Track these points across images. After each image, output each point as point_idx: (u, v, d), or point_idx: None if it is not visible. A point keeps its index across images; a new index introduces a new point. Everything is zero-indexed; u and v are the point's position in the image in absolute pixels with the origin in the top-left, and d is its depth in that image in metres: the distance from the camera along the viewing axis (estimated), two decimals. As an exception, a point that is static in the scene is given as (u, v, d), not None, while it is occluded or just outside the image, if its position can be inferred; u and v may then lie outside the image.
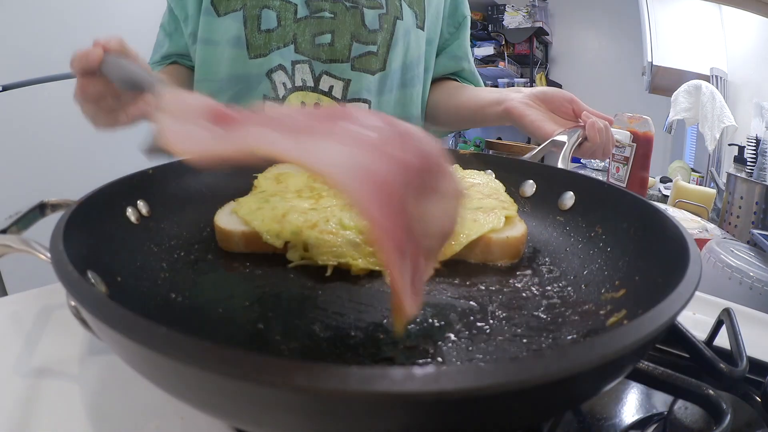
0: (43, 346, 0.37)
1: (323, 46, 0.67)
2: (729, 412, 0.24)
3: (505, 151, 1.63)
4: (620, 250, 0.37)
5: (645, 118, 0.85)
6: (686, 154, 2.72)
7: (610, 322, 0.30)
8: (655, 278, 0.30)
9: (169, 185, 0.45)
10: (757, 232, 0.76)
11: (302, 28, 0.66)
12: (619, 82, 3.04)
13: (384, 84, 0.71)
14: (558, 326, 0.31)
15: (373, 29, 0.68)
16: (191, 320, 0.31)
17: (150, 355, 0.18)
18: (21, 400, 0.31)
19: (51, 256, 0.25)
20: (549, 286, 0.36)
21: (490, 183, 0.49)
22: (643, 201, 0.38)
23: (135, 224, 0.39)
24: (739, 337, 0.32)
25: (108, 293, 0.29)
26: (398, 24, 0.69)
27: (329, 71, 0.68)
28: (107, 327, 0.19)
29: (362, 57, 0.68)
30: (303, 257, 0.39)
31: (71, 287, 0.22)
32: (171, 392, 0.21)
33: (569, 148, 0.53)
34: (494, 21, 3.50)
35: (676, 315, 0.21)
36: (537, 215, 0.47)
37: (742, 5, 1.96)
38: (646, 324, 0.20)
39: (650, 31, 2.52)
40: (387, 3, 0.69)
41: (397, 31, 0.69)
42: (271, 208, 0.42)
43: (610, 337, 0.19)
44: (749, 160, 1.45)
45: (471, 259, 0.41)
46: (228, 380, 0.16)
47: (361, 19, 0.67)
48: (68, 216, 0.31)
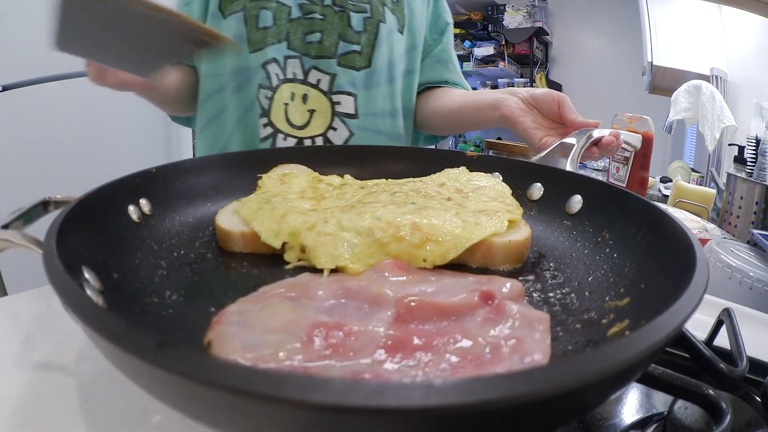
0: (43, 345, 0.37)
1: (313, 44, 0.74)
2: (729, 412, 0.24)
3: (505, 151, 1.63)
4: (627, 256, 0.36)
5: (645, 118, 0.85)
6: (686, 154, 2.72)
7: (612, 332, 0.29)
8: (660, 286, 0.29)
9: (172, 184, 0.45)
10: (757, 232, 0.76)
11: (295, 27, 0.74)
12: (619, 82, 3.04)
13: (371, 80, 0.77)
14: (556, 334, 0.30)
15: (358, 30, 0.76)
16: (182, 319, 0.31)
17: (123, 356, 0.18)
18: (22, 397, 0.31)
19: (43, 252, 0.25)
20: (551, 293, 0.35)
21: (496, 186, 0.48)
22: (652, 205, 0.37)
23: (136, 222, 0.39)
24: (739, 337, 0.32)
25: (102, 290, 0.29)
26: (381, 26, 0.77)
27: (317, 66, 0.75)
28: (81, 322, 0.19)
29: (347, 54, 0.75)
30: (300, 259, 0.39)
31: (53, 280, 0.23)
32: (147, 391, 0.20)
33: (578, 151, 0.52)
34: (494, 21, 3.50)
35: (676, 330, 0.21)
36: (544, 219, 0.46)
37: (742, 5, 1.96)
38: (641, 341, 0.19)
39: (650, 31, 2.52)
40: (371, 8, 0.77)
41: (380, 33, 0.77)
42: (271, 209, 0.42)
43: (604, 351, 0.18)
44: (749, 160, 1.45)
45: (472, 264, 0.40)
46: (216, 392, 0.16)
47: (348, 22, 0.75)
48: (66, 213, 0.31)
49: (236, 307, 0.31)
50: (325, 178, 0.52)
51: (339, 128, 0.76)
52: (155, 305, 0.32)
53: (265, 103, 0.73)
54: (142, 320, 0.30)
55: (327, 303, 0.31)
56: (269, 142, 0.74)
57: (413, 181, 0.50)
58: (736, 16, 2.20)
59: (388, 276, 0.35)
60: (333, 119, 0.75)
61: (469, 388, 0.15)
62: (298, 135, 0.74)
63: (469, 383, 0.15)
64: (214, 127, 0.77)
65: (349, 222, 0.39)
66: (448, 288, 0.33)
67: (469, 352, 0.26)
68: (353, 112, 0.76)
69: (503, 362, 0.25)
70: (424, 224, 0.39)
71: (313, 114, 0.75)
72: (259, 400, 0.15)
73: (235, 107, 0.75)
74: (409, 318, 0.29)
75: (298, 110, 0.74)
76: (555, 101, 0.64)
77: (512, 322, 0.29)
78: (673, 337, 0.20)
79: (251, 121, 0.74)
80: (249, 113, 0.74)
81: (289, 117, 0.74)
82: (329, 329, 0.27)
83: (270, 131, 0.74)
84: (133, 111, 1.71)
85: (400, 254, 0.37)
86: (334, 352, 0.26)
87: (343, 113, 0.76)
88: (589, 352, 0.18)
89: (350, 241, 0.38)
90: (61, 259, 0.25)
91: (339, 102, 0.75)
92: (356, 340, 0.27)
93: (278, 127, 0.74)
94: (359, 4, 0.76)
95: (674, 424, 0.29)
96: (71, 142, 1.59)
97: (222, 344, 0.27)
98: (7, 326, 0.39)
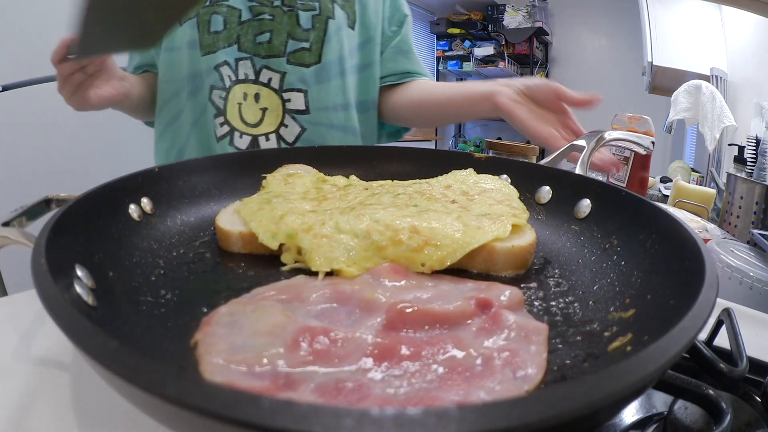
0: (43, 345, 0.37)
1: (263, 44, 0.77)
2: (729, 412, 0.24)
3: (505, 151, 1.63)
4: (635, 264, 0.35)
5: (645, 118, 0.85)
6: (686, 154, 2.71)
7: (613, 347, 0.27)
8: (667, 299, 0.28)
9: (175, 184, 0.45)
10: (757, 232, 0.75)
11: (245, 29, 0.76)
12: (619, 82, 3.04)
13: (321, 75, 0.79)
14: (555, 347, 0.29)
15: (307, 28, 0.78)
16: (174, 318, 0.31)
17: (85, 357, 0.18)
18: (21, 396, 0.32)
19: (32, 249, 0.25)
20: (554, 302, 0.34)
21: (503, 188, 0.47)
22: (662, 211, 0.35)
23: (137, 221, 0.39)
24: (739, 337, 0.32)
25: (94, 288, 0.29)
26: (330, 23, 0.79)
27: (268, 65, 0.77)
28: (56, 322, 0.20)
29: (296, 52, 0.78)
30: (297, 261, 0.38)
31: (35, 277, 0.23)
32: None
33: (588, 154, 0.50)
34: (494, 21, 3.51)
35: (681, 351, 0.20)
36: (551, 223, 0.45)
37: (742, 5, 1.95)
38: (632, 374, 0.17)
39: (650, 31, 2.52)
40: (320, 5, 0.79)
41: (329, 29, 0.78)
42: (270, 209, 0.42)
43: (600, 377, 0.16)
44: (749, 160, 1.45)
45: (473, 269, 0.38)
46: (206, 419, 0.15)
47: (297, 20, 0.77)
48: (63, 211, 0.31)
49: (227, 308, 0.30)
50: (330, 178, 0.52)
51: (290, 125, 0.78)
52: (148, 304, 0.32)
53: (220, 103, 0.76)
54: (132, 319, 0.30)
55: (318, 307, 0.31)
56: (226, 141, 0.76)
57: (418, 183, 0.50)
58: (736, 16, 2.19)
59: (384, 280, 0.34)
60: (284, 116, 0.77)
61: (413, 421, 0.14)
62: (253, 132, 0.76)
63: (416, 415, 0.14)
64: (171, 131, 0.80)
65: (346, 224, 0.38)
66: (444, 294, 0.32)
67: (460, 364, 0.25)
68: (304, 108, 0.78)
69: (494, 375, 0.24)
70: (423, 228, 0.38)
71: (265, 112, 0.77)
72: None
73: (191, 110, 0.77)
74: (400, 325, 0.28)
75: (251, 109, 0.76)
76: (552, 90, 0.63)
77: (508, 333, 0.28)
78: (672, 362, 0.19)
79: (206, 122, 0.76)
80: (203, 115, 0.76)
81: (243, 115, 0.76)
82: (315, 334, 0.26)
83: (227, 129, 0.76)
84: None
85: (398, 258, 0.36)
86: (318, 359, 0.25)
87: (293, 110, 0.78)
88: (569, 387, 0.16)
89: (347, 243, 0.37)
90: (50, 256, 0.25)
91: (289, 99, 0.77)
92: (342, 347, 0.26)
93: (234, 125, 0.76)
94: (308, 3, 0.78)
95: (674, 424, 0.29)
96: (71, 142, 1.59)
97: (208, 345, 0.26)
98: (7, 326, 0.39)
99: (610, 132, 0.56)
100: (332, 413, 0.13)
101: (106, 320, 0.28)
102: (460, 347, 0.27)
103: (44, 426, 0.29)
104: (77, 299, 0.26)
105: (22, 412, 0.30)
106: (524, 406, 0.14)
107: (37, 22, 1.51)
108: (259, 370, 0.24)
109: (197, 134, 0.77)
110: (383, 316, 0.29)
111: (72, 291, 0.26)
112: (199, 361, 0.26)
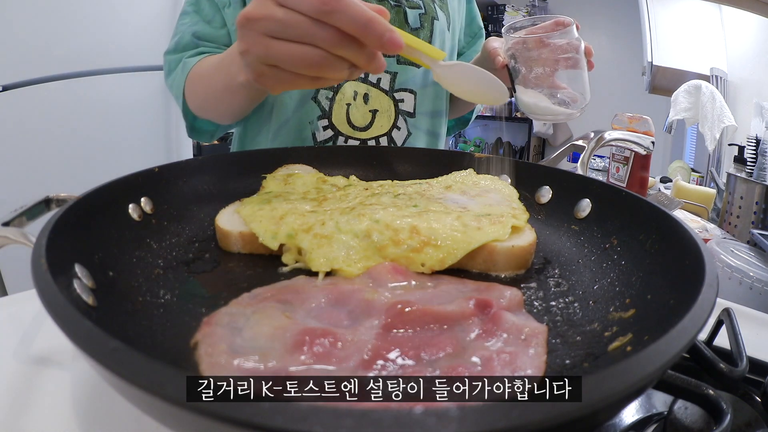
0: (43, 345, 0.37)
1: None
2: (729, 412, 0.24)
3: (505, 151, 1.64)
4: (635, 264, 0.35)
5: (645, 118, 0.85)
6: (686, 154, 2.71)
7: (613, 347, 0.27)
8: (667, 300, 0.28)
9: (175, 184, 0.45)
10: (757, 232, 0.75)
11: None
12: (619, 82, 3.03)
13: (427, 77, 0.76)
14: (555, 346, 0.29)
15: (415, 27, 0.74)
16: (173, 318, 0.31)
17: (83, 355, 0.18)
18: (21, 396, 0.32)
19: (32, 248, 0.26)
20: (554, 302, 0.34)
21: (503, 189, 0.47)
22: (662, 211, 0.35)
23: (137, 221, 0.39)
24: (739, 337, 0.32)
25: (94, 288, 0.29)
26: (435, 23, 0.76)
27: None
28: (56, 322, 0.20)
29: None
30: (297, 261, 0.38)
31: (35, 277, 0.23)
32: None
33: (588, 154, 0.51)
34: (494, 21, 3.51)
35: (681, 351, 0.20)
36: (551, 223, 0.45)
37: (742, 5, 1.95)
38: (632, 374, 0.17)
39: (650, 31, 2.52)
40: (424, 4, 0.75)
41: (435, 30, 0.75)
42: (270, 209, 0.42)
43: (598, 379, 0.16)
44: (749, 160, 1.44)
45: (473, 269, 0.38)
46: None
47: (405, 18, 0.73)
48: (63, 211, 0.31)
49: (227, 309, 0.30)
50: (330, 179, 0.52)
51: (402, 127, 0.74)
52: (148, 304, 0.32)
53: (326, 104, 0.71)
54: (132, 319, 0.30)
55: (318, 307, 0.31)
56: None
57: (419, 183, 0.50)
58: (736, 16, 2.19)
59: (384, 281, 0.34)
60: (397, 118, 0.74)
61: (404, 422, 0.14)
62: (361, 137, 0.72)
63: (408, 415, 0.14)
64: (284, 132, 0.74)
65: (346, 224, 0.38)
66: (443, 295, 0.32)
67: (458, 365, 0.25)
68: (412, 110, 0.75)
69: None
70: (423, 228, 0.38)
71: (375, 114, 0.73)
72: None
73: (296, 116, 0.72)
74: (400, 325, 0.28)
75: (360, 111, 0.72)
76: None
77: (507, 334, 0.28)
78: (672, 362, 0.19)
79: (304, 124, 0.71)
80: (305, 116, 0.71)
81: (351, 118, 0.72)
82: (315, 336, 0.26)
83: (330, 134, 0.72)
84: (132, 111, 1.72)
85: (398, 258, 0.36)
86: (318, 360, 0.25)
87: (405, 111, 0.74)
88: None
89: (347, 243, 0.37)
90: (50, 256, 0.25)
91: (402, 99, 0.74)
92: (343, 348, 0.26)
93: (339, 129, 0.72)
94: (413, 1, 0.74)
95: (674, 424, 0.29)
96: (71, 142, 1.59)
97: (208, 346, 0.26)
98: (7, 326, 0.39)
99: (610, 132, 0.56)
100: (332, 413, 0.13)
101: (106, 320, 0.28)
102: (459, 349, 0.27)
103: (44, 426, 0.29)
104: (77, 299, 0.26)
105: (21, 412, 0.30)
106: (524, 406, 0.15)
107: (37, 22, 1.51)
108: (261, 371, 0.24)
109: (296, 136, 0.72)
110: (383, 316, 0.29)
111: (72, 291, 0.26)
112: (199, 361, 0.26)
